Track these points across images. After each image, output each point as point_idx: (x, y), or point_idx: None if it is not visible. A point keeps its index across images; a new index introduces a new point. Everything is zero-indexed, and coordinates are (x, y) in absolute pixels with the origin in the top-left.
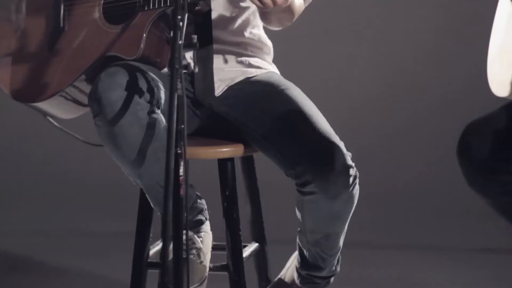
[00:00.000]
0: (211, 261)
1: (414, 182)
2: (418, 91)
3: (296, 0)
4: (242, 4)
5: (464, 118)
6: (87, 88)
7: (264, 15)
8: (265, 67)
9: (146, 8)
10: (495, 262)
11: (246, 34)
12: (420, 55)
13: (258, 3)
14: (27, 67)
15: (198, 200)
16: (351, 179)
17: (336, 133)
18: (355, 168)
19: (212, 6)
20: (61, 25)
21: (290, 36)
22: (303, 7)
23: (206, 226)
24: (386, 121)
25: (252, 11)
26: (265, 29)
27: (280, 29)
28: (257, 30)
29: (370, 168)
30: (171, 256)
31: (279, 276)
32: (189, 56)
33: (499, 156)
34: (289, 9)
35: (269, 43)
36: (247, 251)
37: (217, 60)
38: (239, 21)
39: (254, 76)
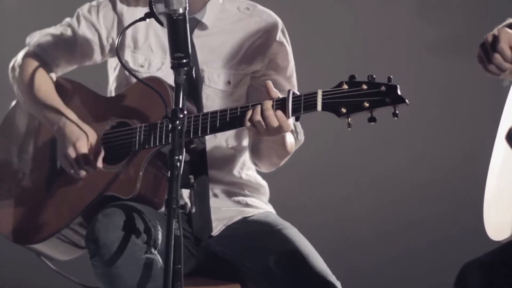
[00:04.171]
0: None
1: None
2: (416, 230)
3: (288, 138)
4: (239, 145)
5: (461, 259)
6: (83, 230)
7: (255, 147)
8: (262, 207)
9: (141, 147)
10: None
11: (243, 175)
12: (418, 194)
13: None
14: (23, 208)
15: None
16: None
17: (333, 272)
18: None
19: (209, 146)
20: (58, 166)
21: (286, 176)
22: (293, 148)
23: None
24: (384, 260)
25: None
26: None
27: (272, 170)
28: (252, 171)
29: None
30: None
31: None
32: (186, 194)
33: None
34: (281, 141)
35: (264, 183)
36: None
37: (214, 199)
38: (236, 162)
39: (251, 216)
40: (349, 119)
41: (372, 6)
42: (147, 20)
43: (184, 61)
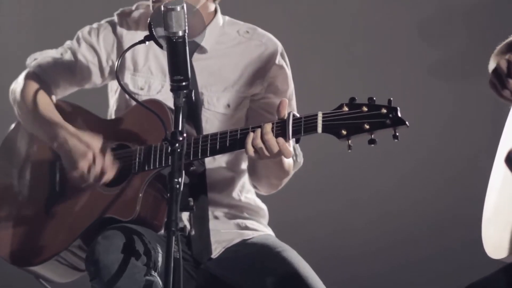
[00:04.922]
0: None
1: None
2: (415, 244)
3: (286, 160)
4: (238, 168)
5: (457, 273)
6: (82, 253)
7: (253, 167)
8: (261, 229)
9: (141, 170)
10: None
11: (242, 197)
12: (416, 208)
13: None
14: (22, 231)
15: None
16: None
17: (330, 286)
18: None
19: (209, 169)
20: (57, 189)
21: (285, 199)
22: (291, 169)
23: None
24: (382, 274)
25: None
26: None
27: (272, 193)
28: (251, 194)
29: None
30: None
31: None
32: (185, 217)
33: None
34: (280, 163)
35: (264, 206)
36: None
37: (214, 222)
38: (235, 185)
39: (250, 238)
40: (349, 141)
41: (372, 27)
42: (147, 43)
43: (184, 83)
